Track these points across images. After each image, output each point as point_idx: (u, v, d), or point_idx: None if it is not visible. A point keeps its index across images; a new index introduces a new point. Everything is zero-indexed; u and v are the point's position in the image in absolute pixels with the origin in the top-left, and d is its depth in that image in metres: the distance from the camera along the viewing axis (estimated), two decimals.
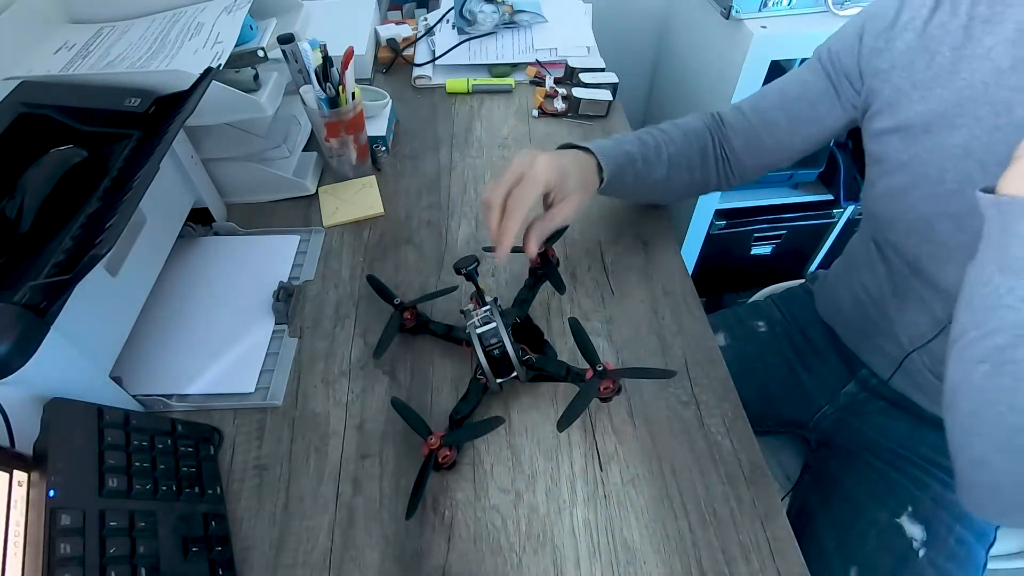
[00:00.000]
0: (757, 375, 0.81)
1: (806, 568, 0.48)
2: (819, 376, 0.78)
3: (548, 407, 0.58)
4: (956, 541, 0.65)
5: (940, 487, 0.67)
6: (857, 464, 0.72)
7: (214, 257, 0.72)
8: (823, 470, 0.76)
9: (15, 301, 0.42)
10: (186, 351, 0.62)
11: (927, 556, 0.64)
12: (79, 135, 0.58)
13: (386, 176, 0.83)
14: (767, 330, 0.85)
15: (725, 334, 0.86)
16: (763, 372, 0.81)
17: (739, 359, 0.76)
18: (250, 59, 0.68)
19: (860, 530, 0.68)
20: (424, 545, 0.49)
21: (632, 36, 1.45)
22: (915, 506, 0.67)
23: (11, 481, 0.39)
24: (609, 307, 0.66)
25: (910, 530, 0.65)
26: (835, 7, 1.02)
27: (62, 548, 0.37)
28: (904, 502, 0.67)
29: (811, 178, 1.30)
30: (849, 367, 0.76)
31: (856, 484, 0.71)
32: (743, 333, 0.86)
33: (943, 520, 0.66)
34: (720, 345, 0.70)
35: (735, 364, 0.62)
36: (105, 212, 0.50)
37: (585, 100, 0.90)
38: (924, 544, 0.65)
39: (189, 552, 0.44)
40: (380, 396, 0.59)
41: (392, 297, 0.63)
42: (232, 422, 0.57)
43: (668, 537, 0.50)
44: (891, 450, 0.71)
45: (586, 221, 0.76)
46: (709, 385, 0.59)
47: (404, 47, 1.04)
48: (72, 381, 0.47)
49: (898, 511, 0.67)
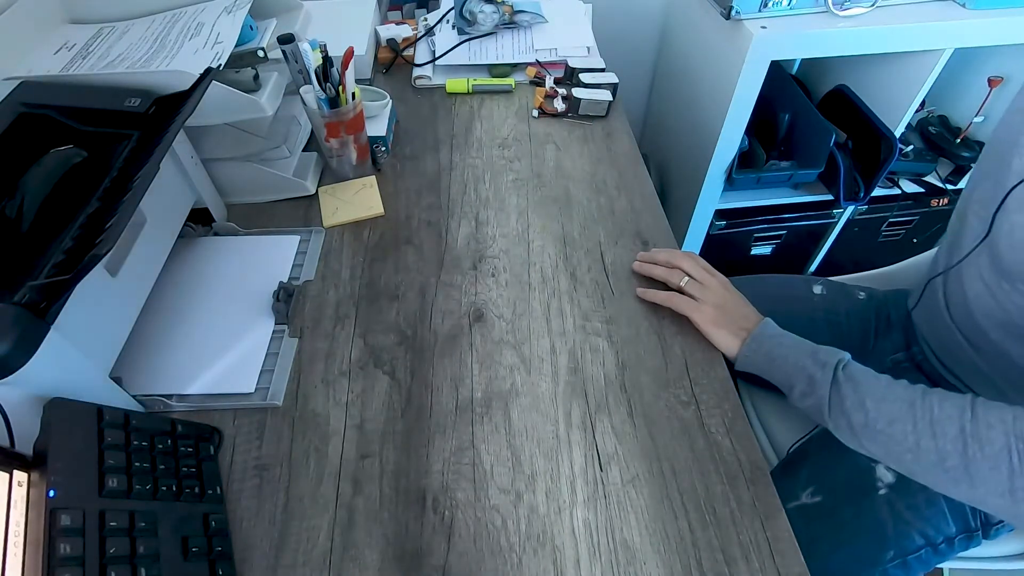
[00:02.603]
0: (839, 327, 0.85)
1: (806, 568, 0.48)
2: (882, 344, 0.82)
3: (548, 407, 0.58)
4: (926, 501, 0.66)
5: None
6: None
7: (214, 257, 0.72)
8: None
9: (15, 301, 0.42)
10: (186, 351, 0.62)
11: (887, 497, 0.66)
12: (79, 135, 0.58)
13: (386, 176, 0.83)
14: (864, 299, 0.88)
15: (823, 287, 0.89)
16: (844, 326, 0.86)
17: (828, 310, 0.82)
18: (250, 59, 0.68)
19: (833, 464, 0.70)
20: (424, 545, 0.49)
21: (632, 36, 1.45)
22: None
23: (11, 481, 0.39)
24: (609, 307, 0.66)
25: (881, 473, 0.67)
26: (835, 7, 1.02)
27: (62, 548, 0.37)
28: None
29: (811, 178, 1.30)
30: (907, 346, 0.79)
31: None
32: (841, 292, 0.89)
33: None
34: (816, 293, 0.84)
35: (822, 312, 0.75)
36: (105, 212, 0.50)
37: (585, 100, 0.90)
38: (889, 487, 0.66)
39: (189, 552, 0.44)
40: (380, 396, 0.59)
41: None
42: (232, 422, 0.57)
43: (668, 537, 0.50)
44: None
45: (586, 221, 0.76)
46: (709, 385, 0.59)
47: (404, 47, 1.04)
48: (72, 381, 0.47)
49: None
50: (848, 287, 0.91)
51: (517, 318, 0.65)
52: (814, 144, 1.21)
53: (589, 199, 0.79)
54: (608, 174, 0.83)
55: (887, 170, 1.17)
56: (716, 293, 0.64)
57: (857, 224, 1.41)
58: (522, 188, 0.81)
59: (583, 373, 0.60)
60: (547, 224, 0.75)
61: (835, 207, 1.33)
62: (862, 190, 1.24)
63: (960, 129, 1.32)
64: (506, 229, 0.75)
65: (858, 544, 0.66)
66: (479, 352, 0.62)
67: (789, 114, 1.26)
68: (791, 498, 0.69)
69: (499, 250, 0.72)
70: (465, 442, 0.55)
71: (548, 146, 0.87)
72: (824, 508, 0.68)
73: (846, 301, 0.88)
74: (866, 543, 0.66)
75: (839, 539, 0.66)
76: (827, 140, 1.16)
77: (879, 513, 0.66)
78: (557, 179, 0.82)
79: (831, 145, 1.17)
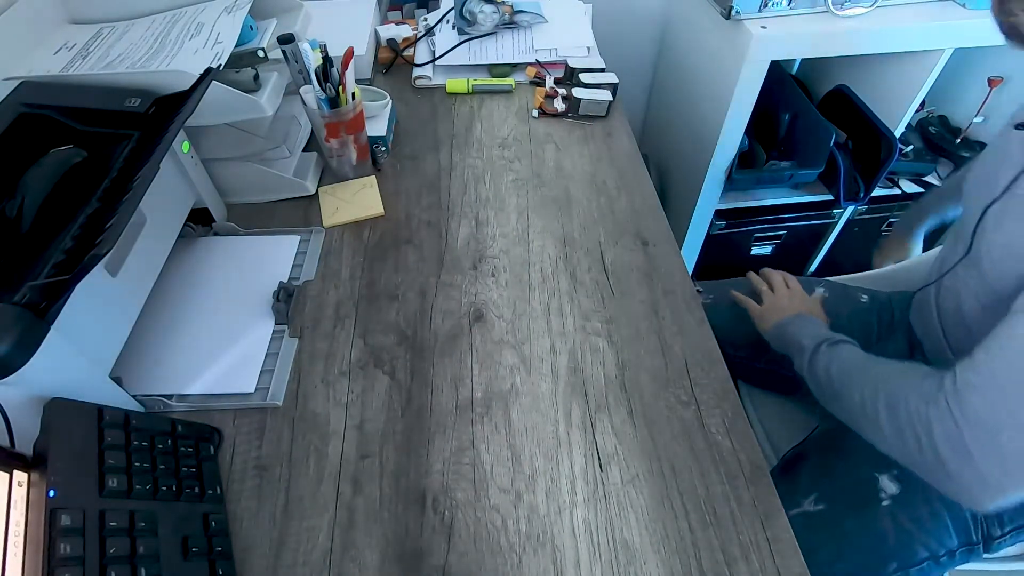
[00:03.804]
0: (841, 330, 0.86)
1: (806, 568, 0.48)
2: (883, 347, 0.82)
3: (548, 407, 0.58)
4: (930, 514, 0.66)
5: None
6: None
7: (214, 257, 0.72)
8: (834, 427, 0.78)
9: (15, 301, 0.42)
10: (186, 351, 0.62)
11: (890, 509, 0.66)
12: (79, 135, 0.58)
13: (386, 176, 0.83)
14: (867, 302, 0.88)
15: (825, 288, 0.90)
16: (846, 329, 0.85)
17: (829, 312, 0.83)
18: (250, 59, 0.68)
19: (837, 473, 0.71)
20: (424, 545, 0.49)
21: (632, 36, 1.45)
22: (902, 470, 0.67)
23: (11, 481, 0.39)
24: (609, 307, 0.66)
25: (885, 484, 0.67)
26: (835, 8, 1.02)
27: (62, 548, 0.37)
28: (893, 464, 0.68)
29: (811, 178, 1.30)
30: (910, 349, 0.79)
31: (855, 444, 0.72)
32: (844, 295, 0.89)
33: (925, 491, 0.66)
34: (817, 296, 0.85)
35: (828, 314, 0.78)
36: (105, 212, 0.50)
37: (585, 100, 0.90)
38: (892, 499, 0.66)
39: (189, 552, 0.44)
40: (380, 396, 0.59)
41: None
42: (232, 422, 0.57)
43: (668, 537, 0.50)
44: None
45: (586, 221, 0.76)
46: (709, 385, 0.59)
47: (404, 47, 1.04)
48: (72, 381, 0.47)
49: (882, 469, 0.68)
50: (850, 289, 0.91)
51: (517, 318, 0.65)
52: (814, 144, 1.21)
53: (589, 199, 0.79)
54: (608, 174, 0.83)
55: (887, 170, 1.17)
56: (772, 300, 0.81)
57: (857, 224, 1.41)
58: (522, 188, 0.81)
59: (583, 373, 0.60)
60: (547, 224, 0.75)
61: (835, 207, 1.33)
62: (862, 190, 1.24)
63: (960, 129, 1.32)
64: (506, 229, 0.75)
65: (860, 555, 0.65)
66: (479, 352, 0.62)
67: (789, 114, 1.26)
68: (793, 505, 0.69)
69: (499, 250, 0.72)
70: (465, 442, 0.55)
71: (548, 146, 0.87)
72: (827, 517, 0.67)
73: (848, 303, 0.88)
74: (868, 554, 0.65)
75: (841, 549, 0.66)
76: (827, 140, 1.16)
77: (881, 524, 0.66)
78: (557, 179, 0.82)
79: (831, 145, 1.17)
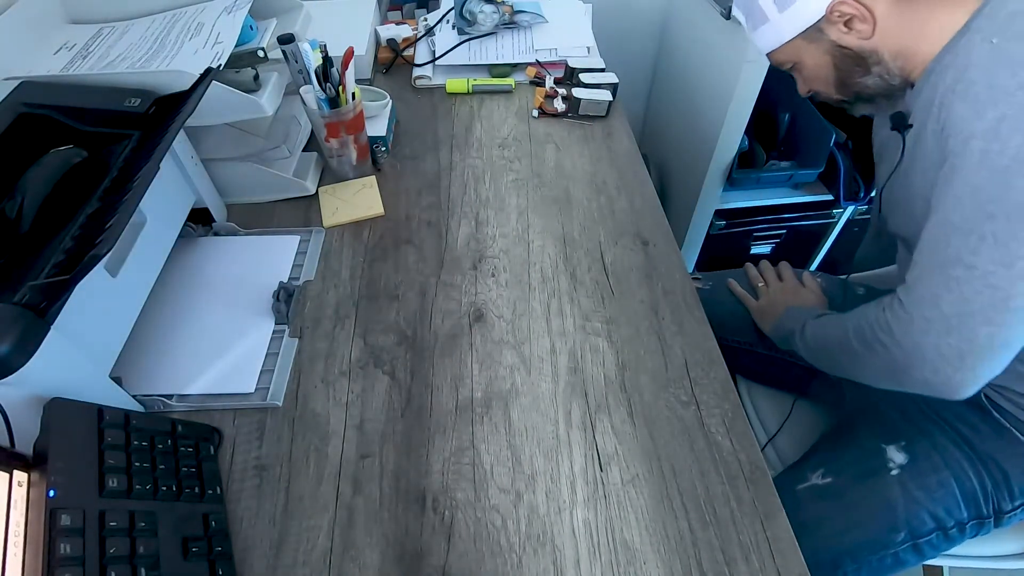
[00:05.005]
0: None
1: (806, 568, 0.48)
2: None
3: (548, 407, 0.58)
4: (938, 483, 0.66)
5: (946, 440, 0.68)
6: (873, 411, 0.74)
7: (214, 257, 0.72)
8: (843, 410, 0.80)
9: (15, 301, 0.42)
10: (186, 351, 0.62)
11: (899, 477, 0.66)
12: (79, 135, 0.58)
13: (386, 176, 0.83)
14: (863, 294, 0.89)
15: (820, 280, 0.91)
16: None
17: (831, 306, 0.85)
18: (250, 59, 0.68)
19: (842, 444, 0.72)
20: (424, 545, 0.49)
21: (632, 36, 1.45)
22: (909, 442, 0.68)
23: (11, 481, 0.39)
24: (609, 307, 0.66)
25: (892, 454, 0.68)
26: None
27: (62, 548, 0.37)
28: (899, 437, 0.69)
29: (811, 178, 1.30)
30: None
31: (862, 419, 0.73)
32: (840, 287, 0.91)
33: (933, 460, 0.67)
34: (814, 284, 0.89)
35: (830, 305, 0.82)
36: (105, 212, 0.50)
37: (585, 100, 0.90)
38: (901, 468, 0.67)
39: (189, 552, 0.44)
40: (380, 396, 0.59)
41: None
42: (232, 422, 0.57)
43: (668, 537, 0.50)
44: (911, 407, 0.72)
45: (586, 221, 0.76)
46: (709, 385, 0.59)
47: (404, 47, 1.04)
48: (72, 381, 0.47)
49: (888, 441, 0.69)
50: (848, 283, 0.91)
51: (517, 318, 0.65)
52: (814, 144, 1.21)
53: (589, 199, 0.79)
54: (608, 174, 0.83)
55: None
56: (767, 298, 0.86)
57: (857, 224, 1.41)
58: (522, 188, 0.81)
59: (583, 373, 0.60)
60: (547, 224, 0.75)
61: (835, 207, 1.33)
62: (862, 190, 1.24)
63: None
64: (506, 229, 0.75)
65: (869, 525, 0.66)
66: (479, 352, 0.62)
67: (789, 114, 1.26)
68: (801, 480, 0.70)
69: (499, 250, 0.72)
70: (465, 442, 0.55)
71: (548, 146, 0.87)
72: (834, 489, 0.68)
73: (843, 295, 0.88)
74: (877, 524, 0.66)
75: (849, 520, 0.66)
76: (827, 140, 1.16)
77: (890, 493, 0.66)
78: (557, 179, 0.82)
79: (831, 145, 1.17)
